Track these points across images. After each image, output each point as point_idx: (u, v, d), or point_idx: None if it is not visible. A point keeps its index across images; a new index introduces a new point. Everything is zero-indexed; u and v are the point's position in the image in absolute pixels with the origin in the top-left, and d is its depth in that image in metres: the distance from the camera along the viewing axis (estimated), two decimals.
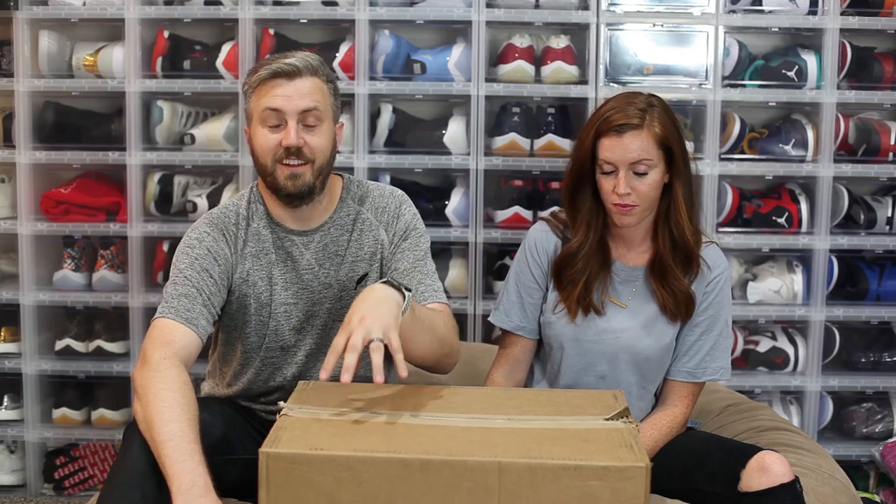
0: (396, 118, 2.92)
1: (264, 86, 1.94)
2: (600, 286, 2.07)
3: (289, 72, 1.92)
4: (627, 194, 1.97)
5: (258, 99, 1.95)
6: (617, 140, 1.96)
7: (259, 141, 1.96)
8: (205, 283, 1.93)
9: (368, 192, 2.10)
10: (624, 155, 1.96)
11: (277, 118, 1.93)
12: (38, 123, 2.94)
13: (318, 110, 1.94)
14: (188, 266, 1.94)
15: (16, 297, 2.95)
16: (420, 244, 2.07)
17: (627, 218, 2.00)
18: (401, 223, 2.07)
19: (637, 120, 1.96)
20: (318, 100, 1.95)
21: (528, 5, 2.87)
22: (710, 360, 2.08)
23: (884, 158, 2.89)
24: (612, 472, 1.52)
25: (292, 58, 1.95)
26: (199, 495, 1.57)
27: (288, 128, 1.93)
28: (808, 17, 2.86)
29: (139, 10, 2.86)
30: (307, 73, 1.94)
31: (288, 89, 1.92)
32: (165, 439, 1.63)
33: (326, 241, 2.04)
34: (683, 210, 2.02)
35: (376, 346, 1.65)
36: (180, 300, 1.89)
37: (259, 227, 2.03)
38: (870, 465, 2.98)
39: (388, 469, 1.52)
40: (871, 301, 2.93)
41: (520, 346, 2.15)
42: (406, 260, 2.04)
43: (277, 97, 1.92)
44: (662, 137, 1.97)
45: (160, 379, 1.72)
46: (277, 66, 1.93)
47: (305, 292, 2.03)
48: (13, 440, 3.03)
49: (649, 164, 1.97)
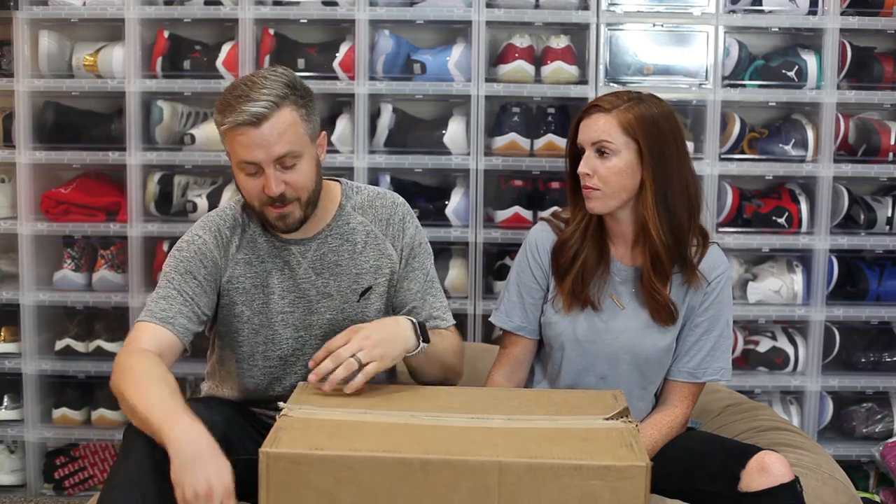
0: (396, 118, 2.92)
1: (233, 133, 1.85)
2: (598, 282, 2.06)
3: (254, 121, 1.82)
4: (588, 175, 1.98)
5: (231, 145, 1.87)
6: (586, 121, 2.01)
7: (242, 184, 1.91)
8: (187, 286, 1.94)
9: (371, 201, 2.08)
10: (587, 134, 1.99)
11: (254, 167, 1.87)
12: (38, 123, 2.94)
13: (293, 150, 1.86)
14: (172, 269, 1.96)
15: (16, 297, 2.95)
16: (426, 263, 2.10)
17: (591, 202, 2.01)
18: (407, 237, 2.07)
19: (607, 105, 1.99)
20: (291, 139, 1.86)
21: (528, 5, 2.87)
22: (710, 361, 2.08)
23: (884, 158, 2.89)
24: (612, 471, 1.52)
25: (256, 98, 1.82)
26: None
27: (266, 177, 1.86)
28: (808, 17, 2.86)
29: (139, 10, 2.86)
30: (274, 112, 1.82)
31: (257, 138, 1.83)
32: (149, 404, 1.69)
33: (324, 249, 2.03)
34: (652, 210, 1.98)
35: (350, 365, 1.80)
36: (158, 303, 1.91)
37: (255, 235, 2.02)
38: (870, 465, 2.98)
39: (388, 469, 1.52)
40: (871, 301, 2.93)
41: (520, 346, 2.15)
42: (417, 280, 2.07)
43: (249, 148, 1.84)
44: (627, 125, 1.96)
45: (126, 354, 1.82)
46: (242, 116, 1.82)
47: (303, 301, 2.02)
48: (13, 440, 3.02)
49: (610, 147, 1.97)
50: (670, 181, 1.99)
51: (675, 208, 2.00)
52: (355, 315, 2.03)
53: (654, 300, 2.04)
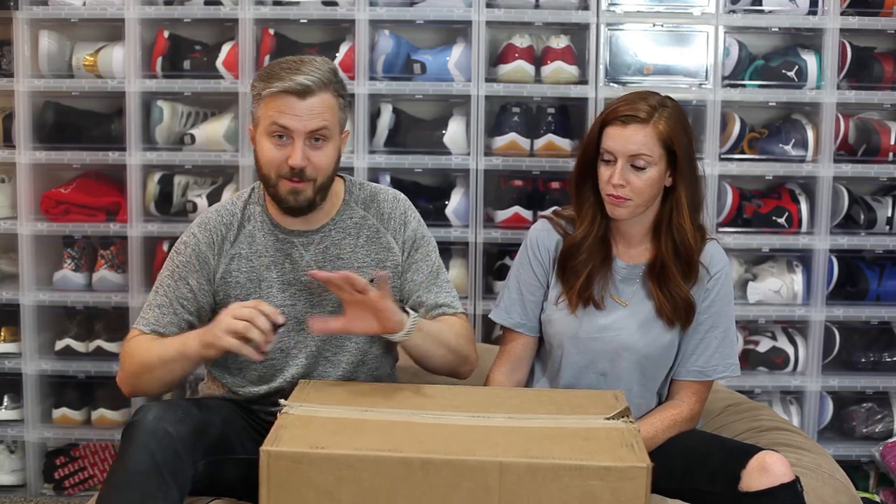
0: (396, 118, 2.92)
1: (274, 99, 1.90)
2: (601, 281, 2.07)
3: (300, 91, 1.89)
4: (621, 186, 1.98)
5: (266, 110, 1.92)
6: (620, 130, 1.98)
7: (264, 152, 1.94)
8: (180, 292, 2.00)
9: (373, 196, 2.09)
10: (624, 146, 1.97)
11: (285, 134, 1.91)
12: (38, 123, 2.94)
13: (326, 129, 1.93)
14: (168, 275, 2.02)
15: (16, 297, 2.95)
16: (431, 254, 2.11)
17: (619, 210, 2.01)
18: (409, 231, 2.08)
19: (644, 115, 1.97)
20: (328, 119, 1.92)
21: (528, 5, 2.87)
22: (719, 358, 2.08)
23: (884, 158, 2.89)
24: (612, 471, 1.52)
25: (306, 73, 1.90)
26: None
27: (294, 147, 1.91)
28: (808, 17, 2.86)
29: (139, 10, 2.85)
30: (319, 90, 1.91)
31: (298, 108, 1.89)
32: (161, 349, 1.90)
33: (327, 243, 2.04)
34: (687, 216, 2.02)
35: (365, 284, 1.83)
36: (152, 311, 2.01)
37: (254, 230, 2.03)
38: (870, 465, 2.98)
39: (388, 468, 1.52)
40: (871, 301, 2.93)
41: (521, 343, 2.15)
42: (421, 272, 2.08)
43: (287, 115, 1.90)
44: (666, 137, 1.97)
45: (125, 347, 1.98)
46: (290, 83, 1.88)
47: (304, 293, 2.02)
48: (13, 440, 3.02)
49: (648, 160, 1.97)
50: (696, 181, 2.04)
51: (698, 205, 2.05)
52: None
53: (671, 300, 2.04)
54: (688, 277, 2.05)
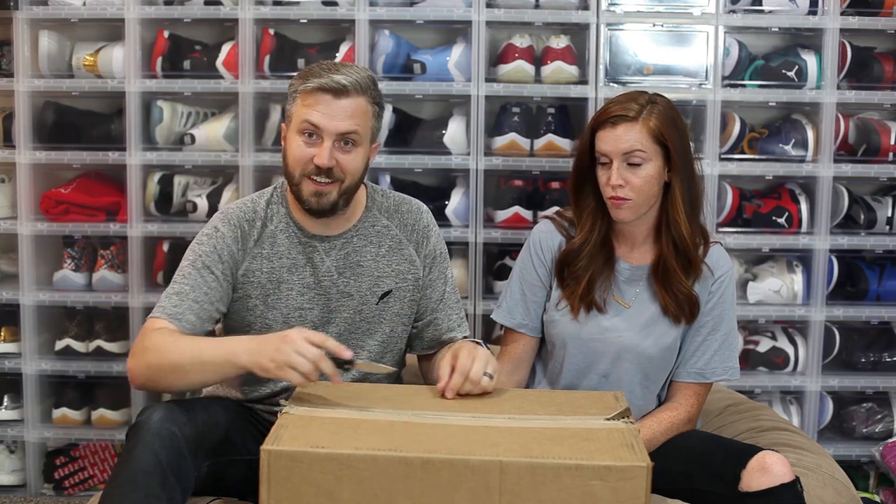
0: (397, 118, 2.92)
1: (309, 96, 1.91)
2: (603, 284, 2.07)
3: (336, 89, 1.89)
4: (620, 186, 1.98)
5: (300, 107, 1.92)
6: (611, 131, 1.99)
7: (292, 149, 1.94)
8: (202, 280, 1.94)
9: (396, 206, 2.10)
10: (616, 145, 1.98)
11: (314, 132, 1.91)
12: (38, 123, 2.94)
13: (356, 133, 1.93)
14: (190, 264, 1.97)
15: (16, 297, 2.95)
16: (447, 272, 2.13)
17: (621, 212, 2.01)
18: (430, 245, 2.10)
19: (633, 113, 1.98)
20: (359, 123, 1.92)
21: (528, 5, 2.87)
22: (719, 360, 2.08)
23: (884, 158, 2.89)
24: (612, 471, 1.52)
25: (344, 73, 1.91)
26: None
27: (322, 146, 1.91)
28: (808, 17, 2.86)
29: (139, 10, 2.85)
30: (354, 93, 1.91)
31: (331, 107, 1.90)
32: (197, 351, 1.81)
33: (348, 249, 2.03)
34: (682, 211, 2.03)
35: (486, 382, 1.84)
36: (171, 298, 1.92)
37: (276, 231, 2.02)
38: (870, 465, 2.98)
39: (388, 468, 1.52)
40: (871, 301, 2.93)
41: (522, 343, 2.15)
42: (437, 290, 2.10)
43: (318, 113, 1.90)
44: (657, 131, 1.98)
45: (143, 336, 1.87)
46: (326, 80, 1.89)
47: (322, 298, 2.02)
48: (13, 440, 3.02)
49: (643, 155, 1.98)
50: (691, 176, 2.04)
51: (695, 202, 2.05)
52: (372, 317, 2.04)
53: (675, 297, 2.04)
54: (688, 273, 2.05)
